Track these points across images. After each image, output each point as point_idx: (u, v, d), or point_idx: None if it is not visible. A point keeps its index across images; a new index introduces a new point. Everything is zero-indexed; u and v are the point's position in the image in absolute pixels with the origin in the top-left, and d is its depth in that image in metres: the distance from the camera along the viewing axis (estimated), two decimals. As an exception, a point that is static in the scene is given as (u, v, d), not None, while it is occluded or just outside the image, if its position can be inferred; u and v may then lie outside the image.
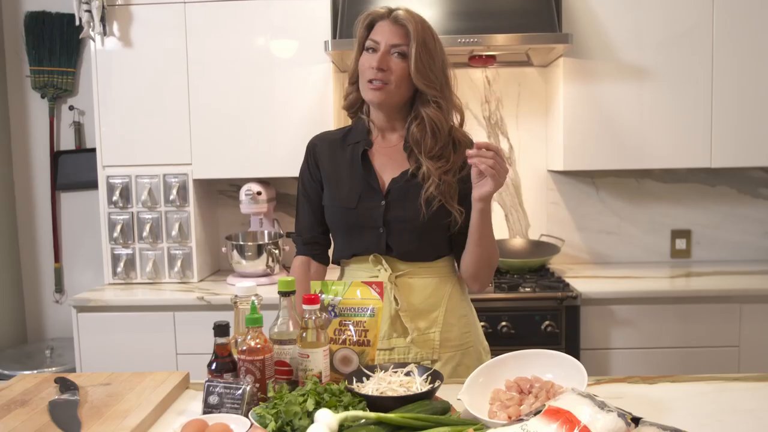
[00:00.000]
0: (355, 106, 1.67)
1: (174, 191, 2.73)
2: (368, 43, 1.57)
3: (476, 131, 2.99)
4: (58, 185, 3.10)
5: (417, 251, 1.58)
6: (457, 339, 1.62)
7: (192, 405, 1.35)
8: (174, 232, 2.74)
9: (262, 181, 2.85)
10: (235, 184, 3.04)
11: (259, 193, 2.77)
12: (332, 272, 1.70)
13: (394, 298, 1.56)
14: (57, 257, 3.14)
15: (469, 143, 1.61)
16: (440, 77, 1.56)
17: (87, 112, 3.09)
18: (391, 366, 1.32)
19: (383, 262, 1.57)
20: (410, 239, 1.57)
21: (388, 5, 1.59)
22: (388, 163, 1.62)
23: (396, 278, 1.58)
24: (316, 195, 1.67)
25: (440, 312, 1.60)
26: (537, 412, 1.05)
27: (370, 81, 1.54)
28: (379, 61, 1.52)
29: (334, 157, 1.65)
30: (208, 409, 1.19)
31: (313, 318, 1.26)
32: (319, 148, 1.69)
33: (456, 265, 1.67)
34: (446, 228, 1.61)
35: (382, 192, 1.58)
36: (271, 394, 1.22)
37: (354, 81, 1.63)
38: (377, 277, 1.56)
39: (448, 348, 1.60)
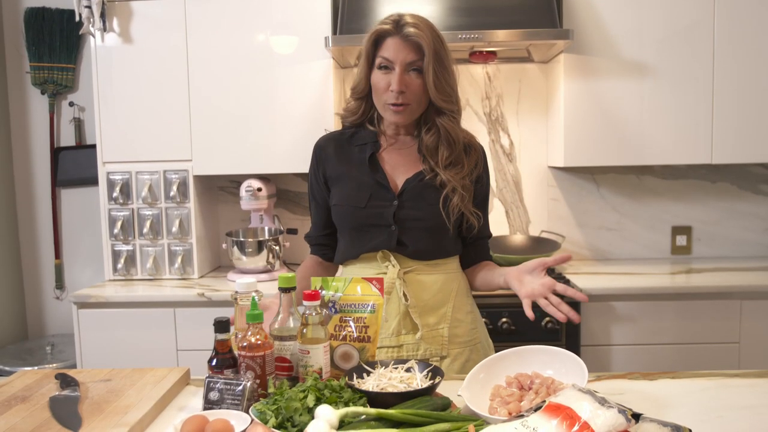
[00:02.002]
0: (362, 119, 1.64)
1: (174, 187, 2.73)
2: (380, 61, 1.52)
3: (477, 128, 2.99)
4: (58, 182, 3.10)
5: (429, 249, 1.58)
6: (465, 335, 1.62)
7: (192, 401, 1.35)
8: (174, 229, 2.74)
9: (263, 178, 2.85)
10: (236, 181, 3.04)
11: (259, 190, 2.77)
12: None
13: (404, 294, 1.55)
14: (57, 254, 3.14)
15: (478, 147, 1.64)
16: (453, 87, 1.56)
17: (87, 109, 3.09)
18: (392, 362, 1.32)
19: (392, 258, 1.57)
20: (422, 237, 1.57)
21: (391, 11, 1.56)
22: (401, 162, 1.61)
23: (404, 274, 1.57)
24: (322, 197, 1.67)
25: (448, 308, 1.60)
26: (537, 408, 1.05)
27: (390, 104, 1.53)
28: (399, 83, 1.49)
29: (341, 157, 1.64)
30: (209, 405, 1.19)
31: (314, 314, 1.26)
32: (325, 150, 1.66)
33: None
34: (459, 228, 1.63)
35: (394, 191, 1.57)
36: (271, 390, 1.22)
37: (360, 96, 1.60)
38: (385, 273, 1.56)
39: (456, 344, 1.60)
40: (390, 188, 1.57)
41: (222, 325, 1.26)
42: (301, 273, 1.67)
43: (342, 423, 1.08)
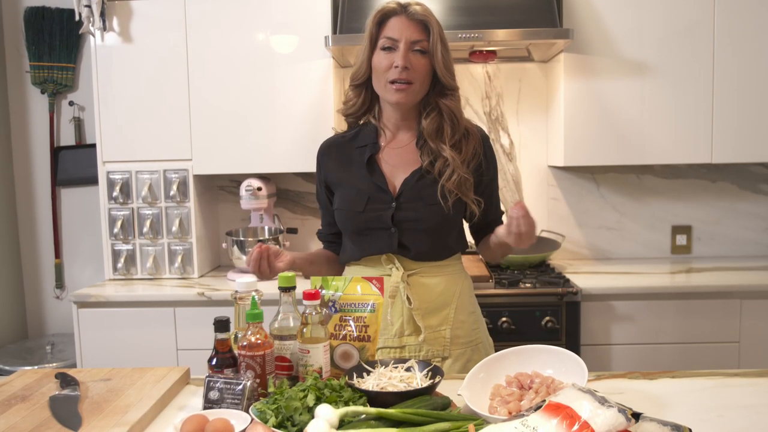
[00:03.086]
0: (361, 110, 1.62)
1: (174, 187, 2.73)
2: (383, 42, 1.52)
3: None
4: (58, 181, 3.10)
5: (430, 251, 1.58)
6: (467, 335, 1.62)
7: (192, 400, 1.35)
8: (174, 228, 2.74)
9: (263, 177, 2.85)
10: (236, 180, 3.04)
11: (259, 189, 2.76)
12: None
13: (407, 297, 1.55)
14: (57, 253, 3.14)
15: (476, 133, 1.62)
16: (453, 67, 1.58)
17: (87, 108, 3.09)
18: (392, 361, 1.32)
19: (395, 261, 1.57)
20: (423, 239, 1.56)
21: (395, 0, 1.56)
22: (399, 163, 1.60)
23: (408, 277, 1.57)
24: (326, 201, 1.69)
25: (451, 309, 1.60)
26: (537, 408, 1.05)
27: (393, 81, 1.51)
28: (404, 59, 1.49)
29: (342, 161, 1.64)
30: (209, 404, 1.19)
31: (314, 313, 1.26)
32: (327, 155, 1.67)
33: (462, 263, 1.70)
34: (459, 226, 1.62)
35: (392, 194, 1.57)
36: (271, 389, 1.22)
37: (360, 83, 1.58)
38: (389, 275, 1.55)
39: (458, 345, 1.60)
40: (388, 190, 1.57)
41: (222, 325, 1.26)
42: (319, 252, 1.72)
43: (342, 422, 1.08)
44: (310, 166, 1.93)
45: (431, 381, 1.24)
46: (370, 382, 1.24)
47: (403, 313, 1.56)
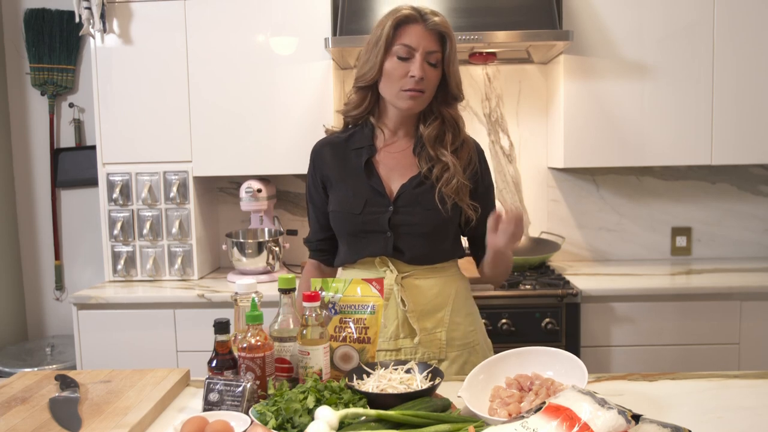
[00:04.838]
0: (365, 113, 1.62)
1: (174, 188, 2.73)
2: (399, 49, 1.51)
3: (477, 128, 2.99)
4: (58, 183, 3.10)
5: (426, 254, 1.58)
6: (463, 338, 1.62)
7: (192, 402, 1.35)
8: (174, 230, 2.74)
9: (263, 179, 2.85)
10: (236, 182, 3.04)
11: (259, 191, 2.76)
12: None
13: (401, 300, 1.55)
14: (57, 255, 3.14)
15: (470, 141, 1.63)
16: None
17: (87, 110, 3.09)
18: (392, 363, 1.32)
19: (389, 264, 1.57)
20: (419, 243, 1.56)
21: (402, 5, 1.55)
22: (396, 167, 1.60)
23: (402, 279, 1.57)
24: (321, 201, 1.66)
25: (446, 311, 1.60)
26: (537, 410, 1.05)
27: (406, 90, 1.51)
28: (420, 69, 1.49)
29: (338, 162, 1.63)
30: (209, 406, 1.20)
31: (314, 315, 1.26)
32: (321, 155, 1.65)
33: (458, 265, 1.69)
34: (455, 232, 1.62)
35: (389, 197, 1.56)
36: (271, 391, 1.22)
37: (367, 85, 1.57)
38: (383, 278, 1.55)
39: (455, 347, 1.60)
40: (385, 194, 1.57)
41: (222, 326, 1.26)
42: (305, 285, 1.66)
43: (342, 424, 1.08)
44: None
45: (431, 383, 1.24)
46: (370, 384, 1.24)
47: (398, 315, 1.56)
